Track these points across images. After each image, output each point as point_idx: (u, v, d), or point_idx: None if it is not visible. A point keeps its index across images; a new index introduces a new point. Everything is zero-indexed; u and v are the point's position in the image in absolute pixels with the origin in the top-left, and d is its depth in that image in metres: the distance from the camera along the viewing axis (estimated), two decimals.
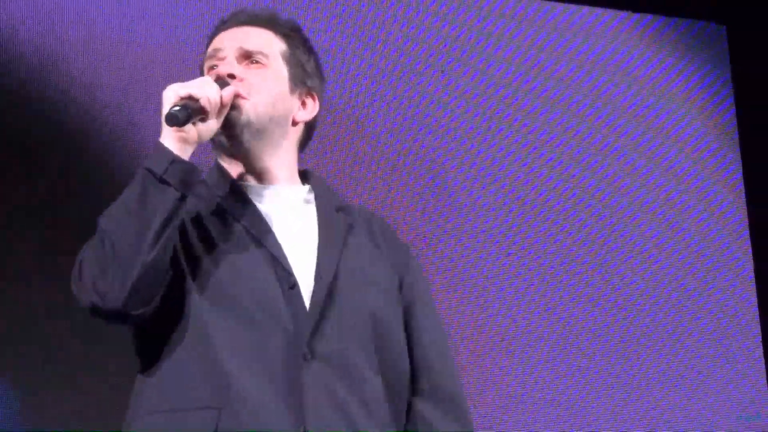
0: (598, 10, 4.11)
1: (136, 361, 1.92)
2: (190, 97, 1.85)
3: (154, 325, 1.85)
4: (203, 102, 1.86)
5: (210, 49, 2.06)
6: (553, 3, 4.04)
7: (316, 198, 2.05)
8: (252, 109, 1.96)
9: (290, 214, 2.00)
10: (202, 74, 2.08)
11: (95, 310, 1.79)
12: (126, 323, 1.84)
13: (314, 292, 1.89)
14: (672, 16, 4.22)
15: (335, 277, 1.92)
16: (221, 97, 1.90)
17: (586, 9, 4.09)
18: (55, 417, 3.16)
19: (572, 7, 4.07)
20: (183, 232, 1.89)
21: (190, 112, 1.84)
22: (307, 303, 1.88)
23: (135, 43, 3.50)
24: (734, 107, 4.25)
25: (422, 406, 1.98)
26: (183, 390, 1.81)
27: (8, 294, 3.22)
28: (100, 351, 3.17)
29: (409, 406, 1.98)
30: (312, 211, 2.03)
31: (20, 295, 3.23)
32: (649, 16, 4.19)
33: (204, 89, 1.87)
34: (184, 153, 1.85)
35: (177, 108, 1.83)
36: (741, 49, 4.32)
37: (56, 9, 3.45)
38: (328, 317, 1.88)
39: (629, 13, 4.16)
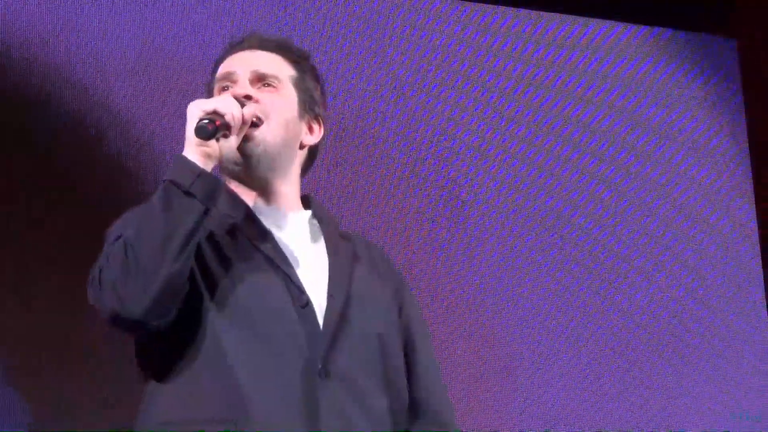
0: (610, 24, 4.20)
1: (138, 370, 1.93)
2: (215, 113, 1.87)
3: (167, 337, 1.85)
4: (228, 118, 1.88)
5: (222, 71, 2.08)
6: (565, 16, 4.13)
7: (319, 223, 2.09)
8: (268, 132, 2.00)
9: (299, 237, 2.03)
10: (210, 95, 2.10)
11: (115, 319, 1.79)
12: (143, 333, 1.84)
13: (327, 312, 1.92)
14: (683, 30, 4.30)
15: (347, 299, 1.95)
16: (243, 115, 1.92)
17: (595, 22, 4.17)
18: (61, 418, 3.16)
19: (584, 20, 4.16)
20: (197, 248, 1.89)
21: (216, 126, 1.86)
22: (319, 322, 1.90)
23: (149, 52, 3.51)
24: (744, 120, 4.33)
25: None
26: (198, 402, 1.82)
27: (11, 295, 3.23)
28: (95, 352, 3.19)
29: None
30: (318, 235, 2.06)
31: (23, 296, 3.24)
32: (660, 30, 4.26)
33: (228, 106, 1.89)
34: (207, 168, 1.87)
35: (205, 121, 1.85)
36: (751, 63, 4.38)
37: (67, 13, 3.45)
38: (340, 337, 1.91)
39: (640, 26, 4.25)
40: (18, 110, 3.37)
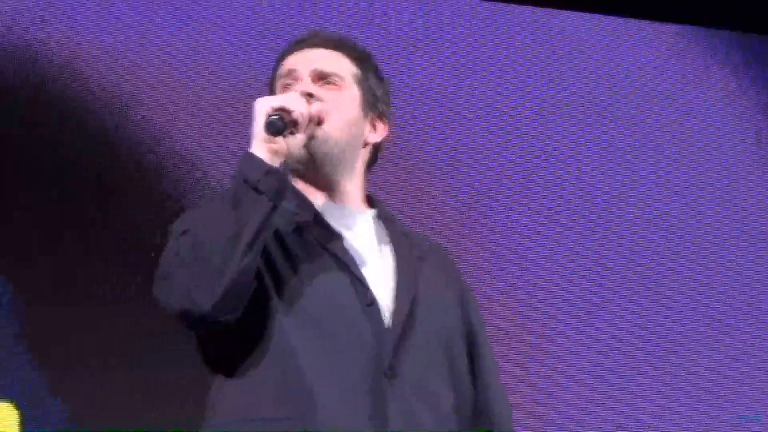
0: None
1: (204, 366, 1.93)
2: (284, 109, 1.87)
3: (232, 334, 1.85)
4: (295, 115, 1.88)
5: (284, 69, 2.07)
6: (576, 13, 4.10)
7: (385, 222, 2.08)
8: (331, 130, 1.98)
9: (365, 236, 2.02)
10: (272, 93, 2.09)
11: (185, 316, 1.80)
12: (212, 330, 1.84)
13: (395, 311, 1.91)
14: (697, 26, 4.26)
15: (414, 299, 1.94)
16: (310, 112, 1.91)
17: (610, 18, 4.16)
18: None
19: (594, 16, 4.14)
20: (264, 245, 1.88)
21: (285, 123, 1.85)
22: (386, 321, 1.90)
23: (154, 50, 3.52)
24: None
25: None
26: (266, 399, 1.83)
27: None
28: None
29: None
30: (384, 234, 2.05)
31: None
32: (673, 26, 4.23)
33: (296, 102, 1.89)
34: (274, 165, 1.86)
35: (275, 117, 1.85)
36: (765, 58, 4.32)
37: (71, 15, 3.47)
38: (408, 337, 1.90)
39: (653, 22, 4.21)
40: (21, 110, 3.38)
